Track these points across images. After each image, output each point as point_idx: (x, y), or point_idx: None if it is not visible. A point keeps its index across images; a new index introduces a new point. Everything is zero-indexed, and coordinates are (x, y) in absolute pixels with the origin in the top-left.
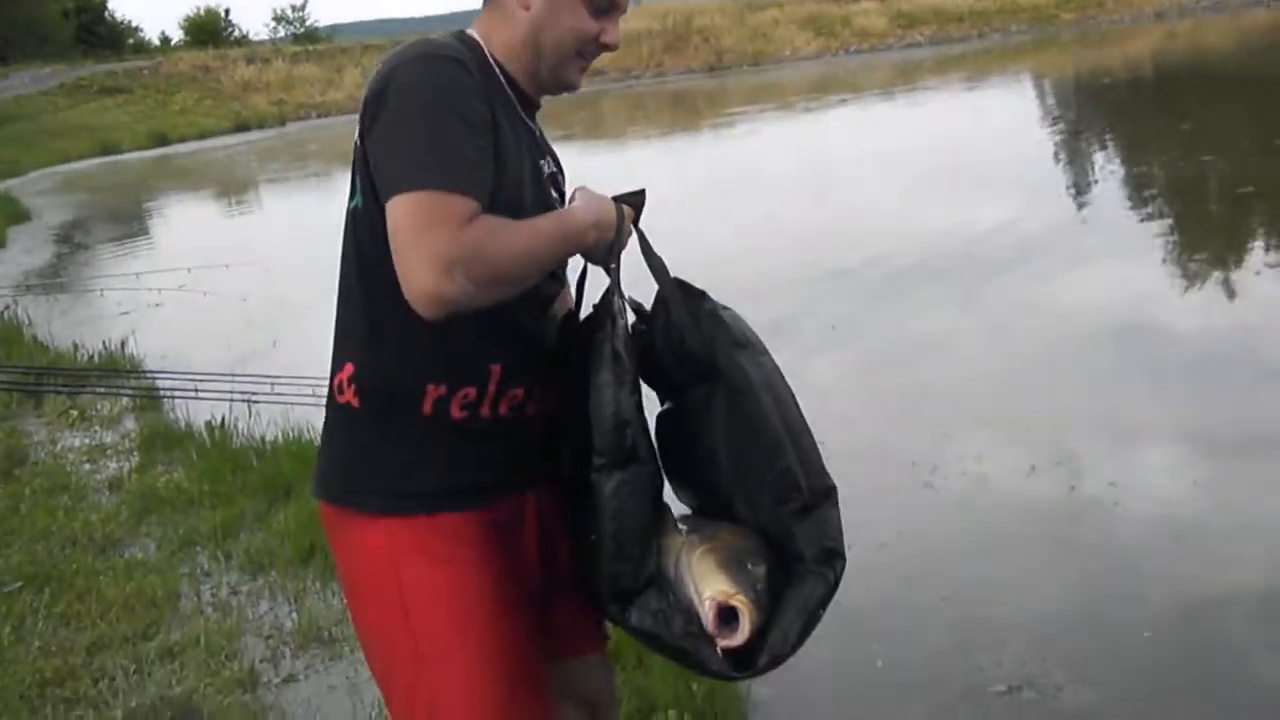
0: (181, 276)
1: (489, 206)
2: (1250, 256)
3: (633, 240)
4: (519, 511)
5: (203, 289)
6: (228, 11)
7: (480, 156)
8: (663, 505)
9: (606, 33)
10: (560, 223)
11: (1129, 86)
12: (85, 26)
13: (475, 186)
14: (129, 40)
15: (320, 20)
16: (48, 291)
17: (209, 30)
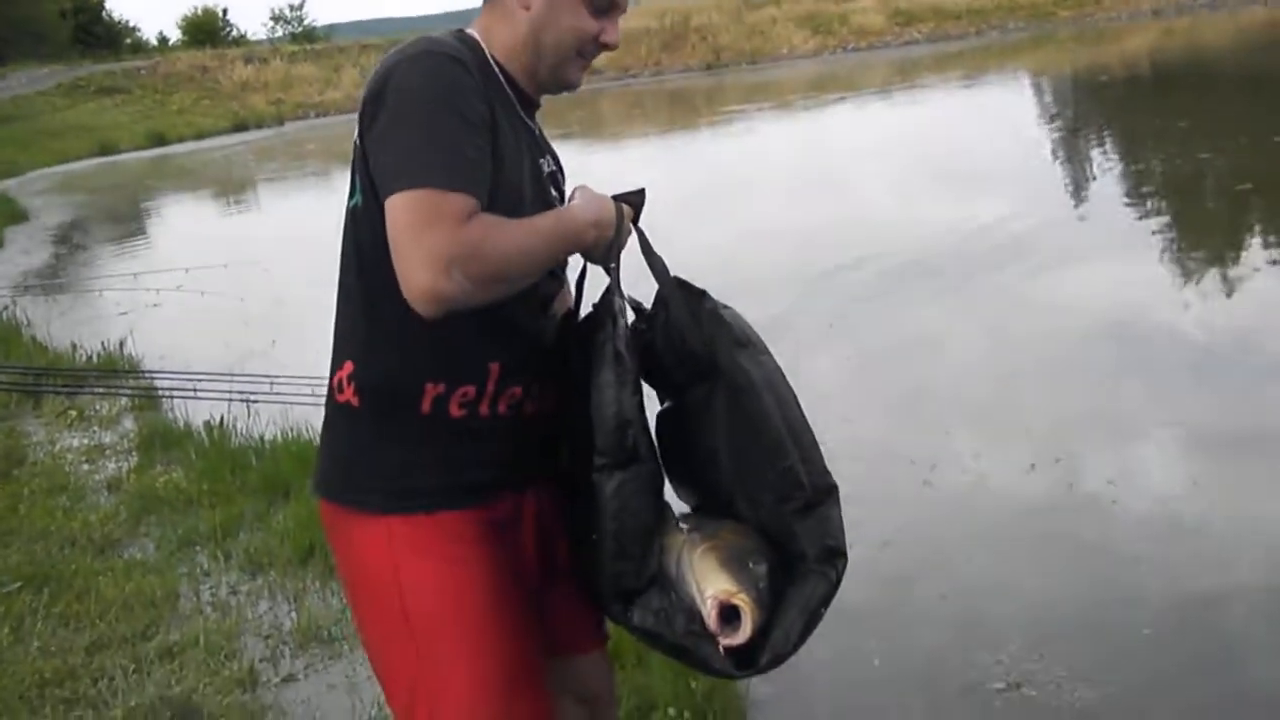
0: (180, 277)
1: (488, 205)
2: (1248, 253)
3: (632, 239)
4: (518, 510)
5: (201, 289)
6: (225, 11)
7: (479, 155)
8: (664, 504)
9: (606, 32)
10: (559, 221)
11: (1127, 84)
12: (83, 26)
13: (474, 185)
14: (127, 40)
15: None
16: (46, 292)
17: (207, 30)
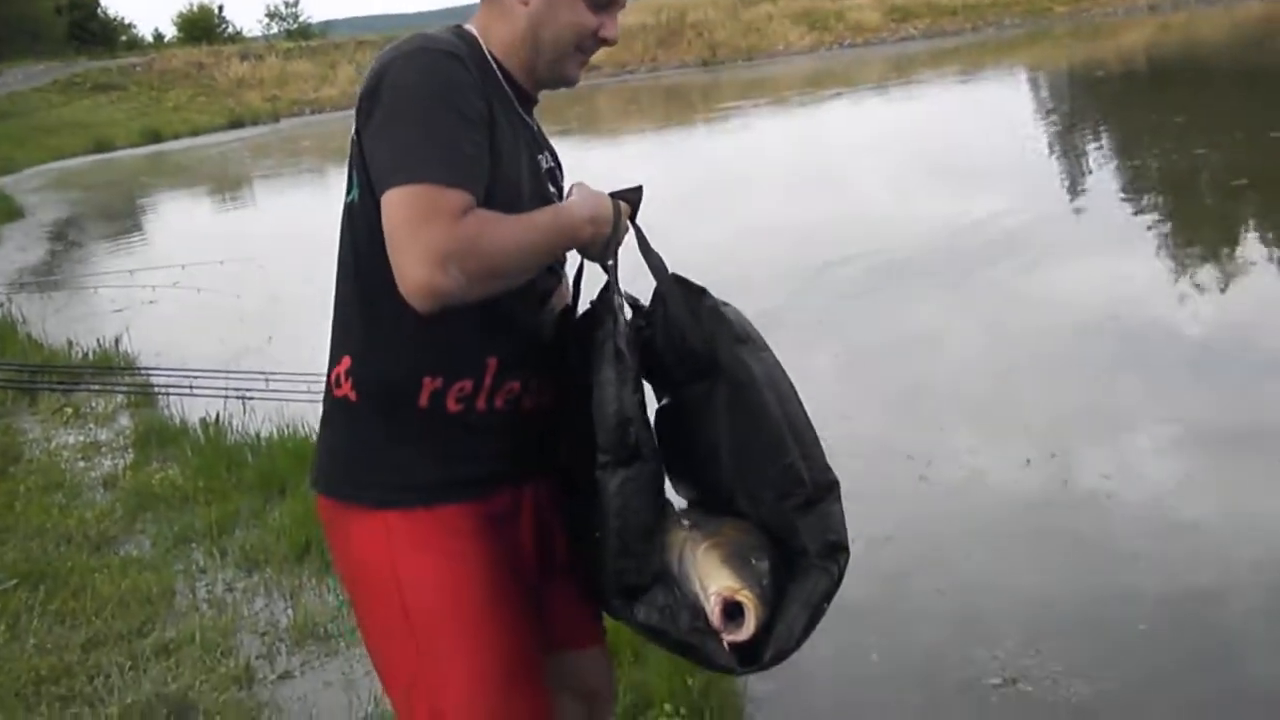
0: (175, 273)
1: (486, 201)
2: (1244, 249)
3: (630, 236)
4: (515, 504)
5: (197, 286)
6: (221, 8)
7: (476, 151)
8: (665, 501)
9: (605, 27)
10: (556, 218)
11: (1123, 79)
12: (78, 23)
13: (471, 181)
14: (122, 37)
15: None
16: (42, 289)
17: (202, 27)
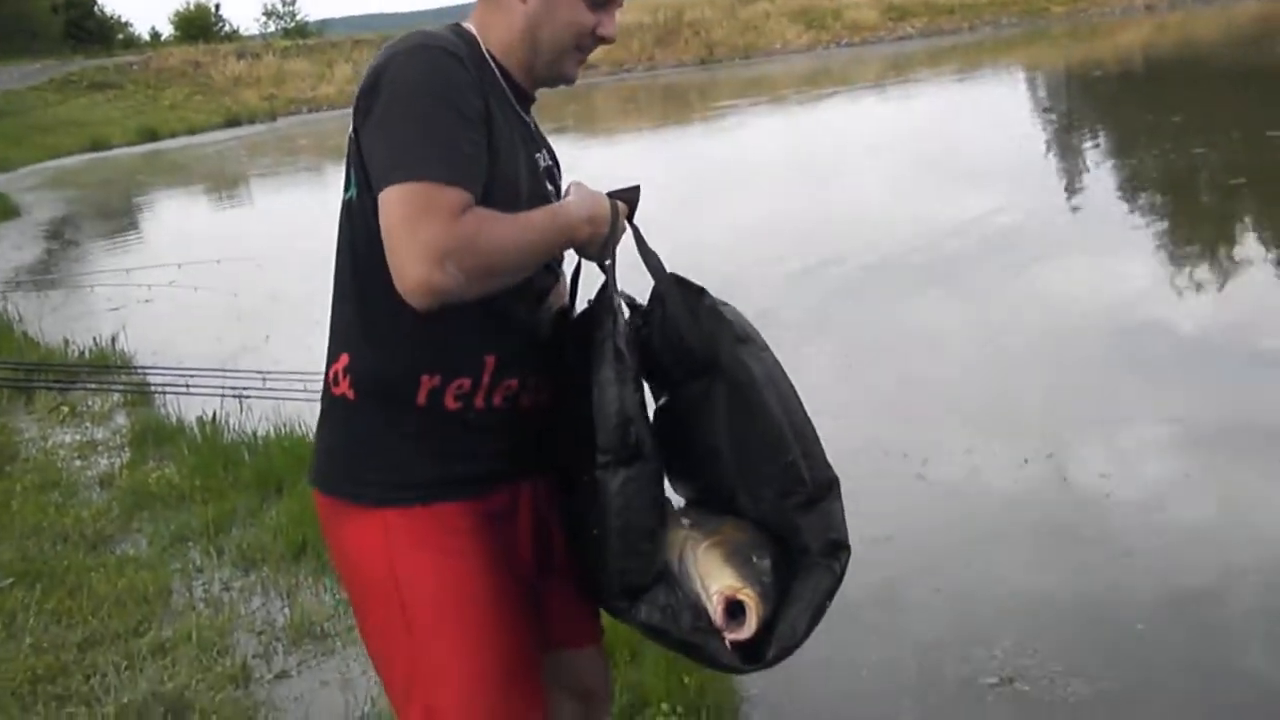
0: (172, 272)
1: (484, 199)
2: (1241, 248)
3: (628, 236)
4: (513, 502)
5: (193, 284)
6: (218, 6)
7: (474, 150)
8: (665, 500)
9: (603, 25)
10: (553, 217)
11: (1120, 79)
12: (74, 22)
13: (469, 179)
14: (118, 35)
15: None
16: (38, 287)
17: (199, 25)
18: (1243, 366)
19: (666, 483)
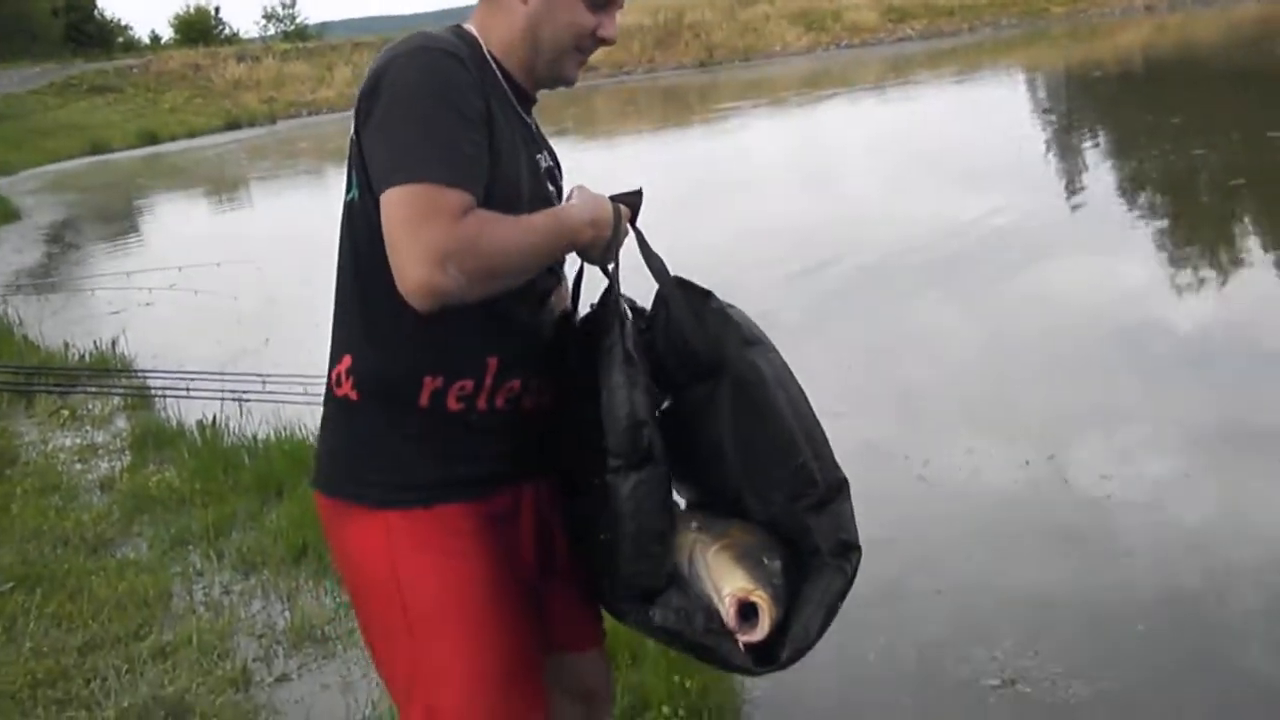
0: (172, 275)
1: (485, 200)
2: (1241, 249)
3: (631, 239)
4: (516, 504)
5: (194, 288)
6: (218, 9)
7: (476, 151)
8: (673, 503)
9: (604, 27)
10: (556, 220)
11: (1119, 80)
12: (74, 25)
13: (470, 180)
14: (119, 39)
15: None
16: (38, 291)
17: (199, 28)
18: (1243, 367)
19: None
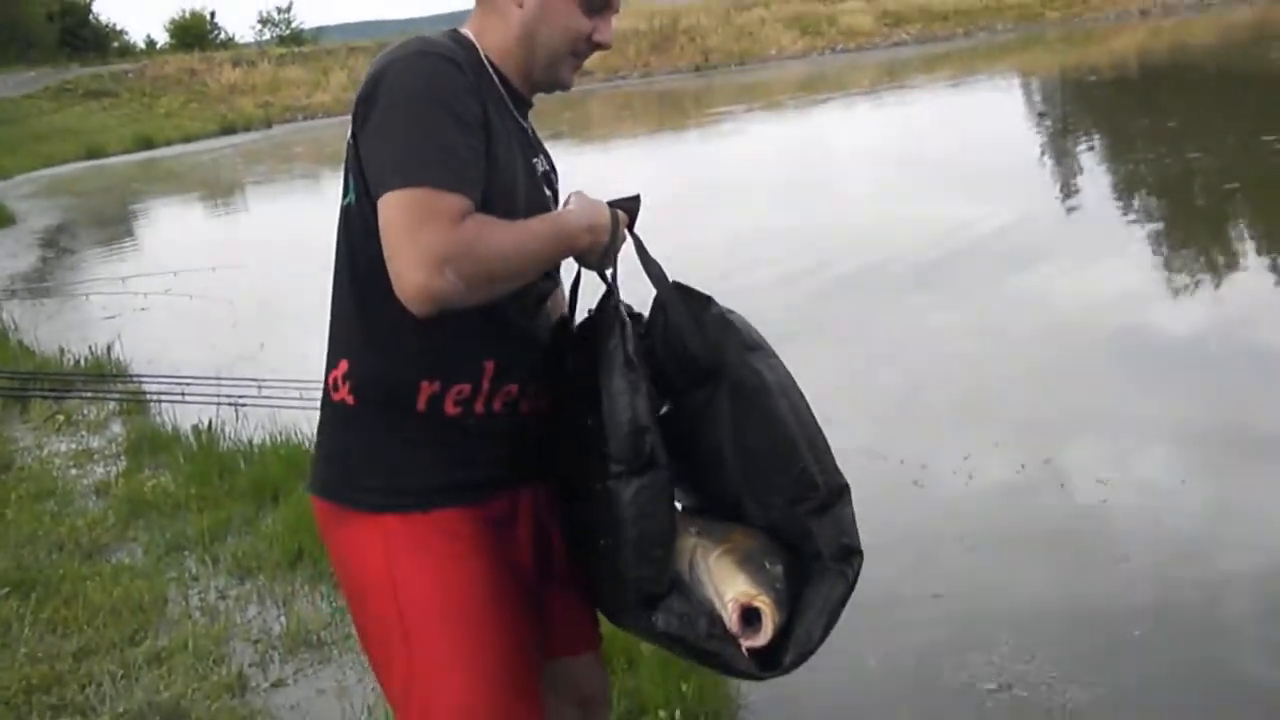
0: (167, 280)
1: (482, 204)
2: (1236, 253)
3: (629, 245)
4: (514, 509)
5: (189, 292)
6: (213, 14)
7: (473, 155)
8: (674, 508)
9: (599, 31)
10: (554, 225)
11: (1115, 84)
12: (69, 30)
13: (468, 185)
14: (114, 43)
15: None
16: (33, 296)
17: (194, 33)
18: (1239, 372)
19: None
